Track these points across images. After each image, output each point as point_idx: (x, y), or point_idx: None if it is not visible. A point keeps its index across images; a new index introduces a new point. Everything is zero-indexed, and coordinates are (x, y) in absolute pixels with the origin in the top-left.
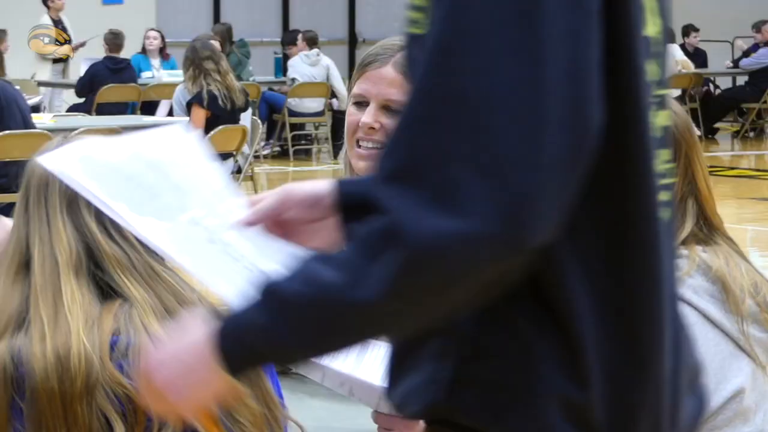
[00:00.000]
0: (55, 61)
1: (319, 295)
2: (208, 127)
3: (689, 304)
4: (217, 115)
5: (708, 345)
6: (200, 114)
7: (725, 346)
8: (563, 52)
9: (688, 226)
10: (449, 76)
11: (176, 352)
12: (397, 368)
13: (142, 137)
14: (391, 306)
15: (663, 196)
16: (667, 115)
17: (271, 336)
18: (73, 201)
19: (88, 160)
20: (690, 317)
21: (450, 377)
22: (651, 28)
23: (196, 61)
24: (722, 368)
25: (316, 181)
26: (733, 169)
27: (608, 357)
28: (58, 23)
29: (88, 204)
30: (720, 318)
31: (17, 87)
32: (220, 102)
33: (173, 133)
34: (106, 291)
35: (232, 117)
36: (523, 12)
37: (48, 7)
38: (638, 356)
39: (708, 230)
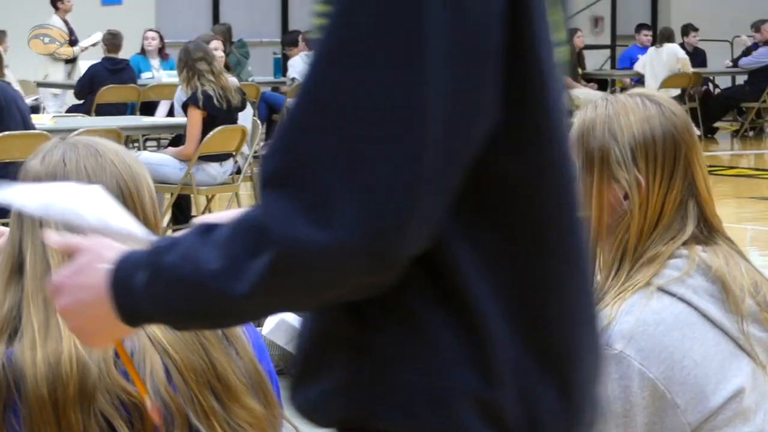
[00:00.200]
0: (68, 61)
1: (195, 275)
2: (207, 127)
3: (689, 303)
4: (214, 115)
5: (708, 345)
6: (196, 114)
7: (725, 345)
8: (446, 72)
9: (690, 228)
10: (332, 87)
11: (78, 289)
12: (304, 373)
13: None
14: (259, 301)
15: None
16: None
17: (151, 296)
18: None
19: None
20: (690, 317)
21: (362, 383)
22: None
23: (189, 63)
24: (722, 368)
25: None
26: (732, 168)
27: (517, 352)
28: (66, 24)
29: None
30: (720, 318)
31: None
32: (215, 102)
33: (84, 189)
34: None
35: (229, 116)
36: (408, 29)
37: (57, 8)
38: (548, 350)
39: (708, 231)
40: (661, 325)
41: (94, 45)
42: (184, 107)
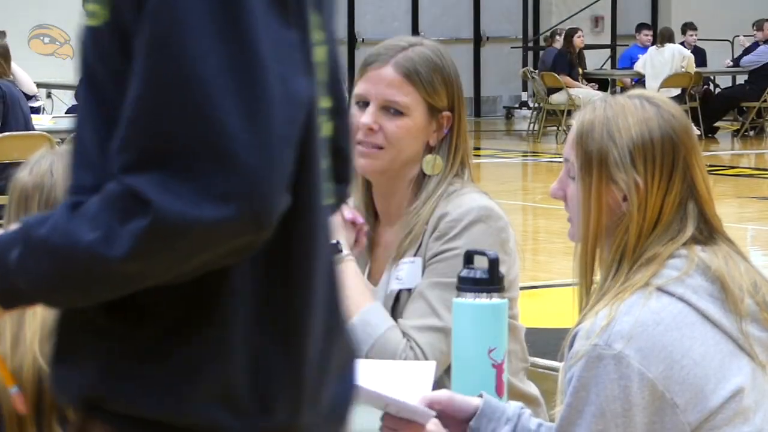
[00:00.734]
0: None
1: (68, 243)
2: None
3: (688, 303)
4: None
5: (707, 344)
6: None
7: (725, 345)
8: (266, 34)
9: (690, 230)
10: (170, 66)
11: None
12: (56, 354)
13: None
14: (135, 266)
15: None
16: (324, 126)
17: (24, 271)
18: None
19: None
20: (689, 317)
21: (104, 366)
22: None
23: None
24: (722, 367)
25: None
26: (733, 168)
27: (254, 338)
28: None
29: None
30: (719, 317)
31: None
32: None
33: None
34: None
35: None
36: (226, 1)
37: None
38: (283, 337)
39: (708, 232)
40: (660, 325)
41: None
42: None
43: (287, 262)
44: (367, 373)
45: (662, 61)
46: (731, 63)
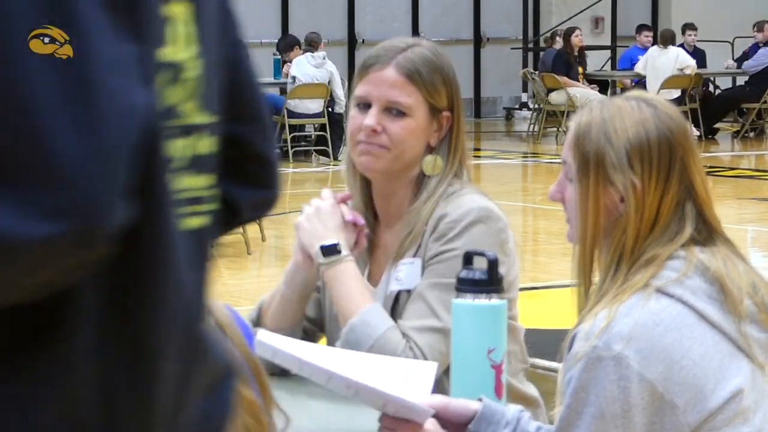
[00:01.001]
0: None
1: None
2: None
3: (687, 304)
4: None
5: (707, 345)
6: None
7: (724, 346)
8: (99, 46)
9: (688, 231)
10: None
11: None
12: None
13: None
14: None
15: (194, 209)
16: (193, 142)
17: None
18: None
19: None
20: (688, 318)
21: None
22: (181, 53)
23: None
24: (721, 368)
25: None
26: (733, 169)
27: (99, 360)
28: None
29: None
30: (718, 318)
31: None
32: None
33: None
34: None
35: None
36: (57, 10)
37: None
38: (130, 359)
39: (707, 233)
40: (659, 326)
41: None
42: None
43: (134, 280)
44: (368, 369)
45: (664, 63)
46: (734, 64)
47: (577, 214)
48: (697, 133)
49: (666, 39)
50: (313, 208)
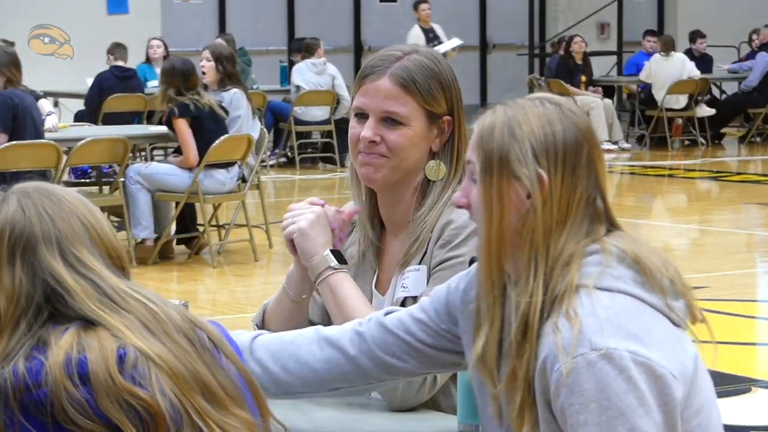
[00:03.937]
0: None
1: None
2: (197, 131)
3: (625, 293)
4: (198, 116)
5: (659, 324)
6: (181, 123)
7: (665, 321)
8: None
9: (603, 227)
10: None
11: None
12: None
13: None
14: None
15: None
16: None
17: None
18: (27, 250)
19: None
20: (632, 303)
21: None
22: None
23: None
24: (680, 341)
25: None
26: (739, 174)
27: None
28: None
29: (50, 245)
30: (650, 299)
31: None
32: (191, 107)
33: None
34: (87, 324)
35: (214, 117)
36: None
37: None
38: None
39: (609, 224)
40: (620, 316)
41: (453, 49)
42: (167, 124)
43: None
44: None
45: (668, 69)
46: (734, 64)
47: (481, 213)
48: (701, 141)
49: (668, 45)
50: (315, 215)
